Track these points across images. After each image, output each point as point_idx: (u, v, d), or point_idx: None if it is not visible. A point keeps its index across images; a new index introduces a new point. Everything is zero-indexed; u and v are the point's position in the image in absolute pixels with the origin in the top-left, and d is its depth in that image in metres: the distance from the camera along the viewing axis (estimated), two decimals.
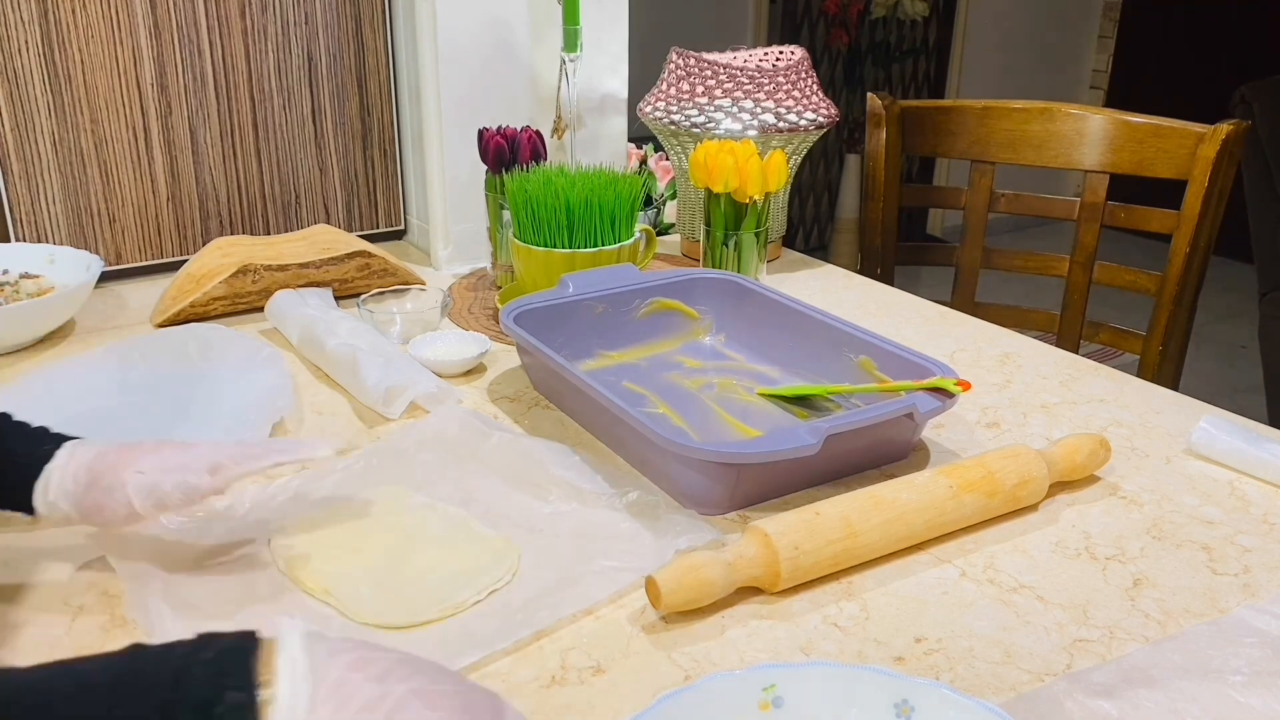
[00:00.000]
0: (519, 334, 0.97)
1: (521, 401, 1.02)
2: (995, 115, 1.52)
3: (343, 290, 1.23)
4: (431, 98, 1.33)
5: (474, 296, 1.27)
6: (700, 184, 1.20)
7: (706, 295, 1.12)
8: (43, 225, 1.26)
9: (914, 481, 0.80)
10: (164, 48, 1.27)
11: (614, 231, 1.12)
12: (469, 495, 0.84)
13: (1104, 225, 1.45)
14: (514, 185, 1.12)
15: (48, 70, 1.22)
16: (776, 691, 0.58)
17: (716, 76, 1.34)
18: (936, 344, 1.16)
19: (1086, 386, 1.06)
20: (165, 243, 1.34)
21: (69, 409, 0.97)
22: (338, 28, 1.37)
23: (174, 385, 1.02)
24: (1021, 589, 0.74)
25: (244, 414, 0.93)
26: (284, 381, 0.98)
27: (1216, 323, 3.57)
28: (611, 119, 1.47)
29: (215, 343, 1.05)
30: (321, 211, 1.43)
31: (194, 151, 1.32)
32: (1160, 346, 1.40)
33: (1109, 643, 0.69)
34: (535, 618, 0.69)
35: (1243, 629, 0.70)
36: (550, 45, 1.37)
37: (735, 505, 0.83)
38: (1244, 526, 0.82)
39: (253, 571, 0.74)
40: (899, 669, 0.66)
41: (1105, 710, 0.62)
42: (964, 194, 1.55)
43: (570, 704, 0.63)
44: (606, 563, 0.75)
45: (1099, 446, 0.88)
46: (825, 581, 0.75)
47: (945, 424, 0.97)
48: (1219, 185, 1.35)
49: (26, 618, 0.70)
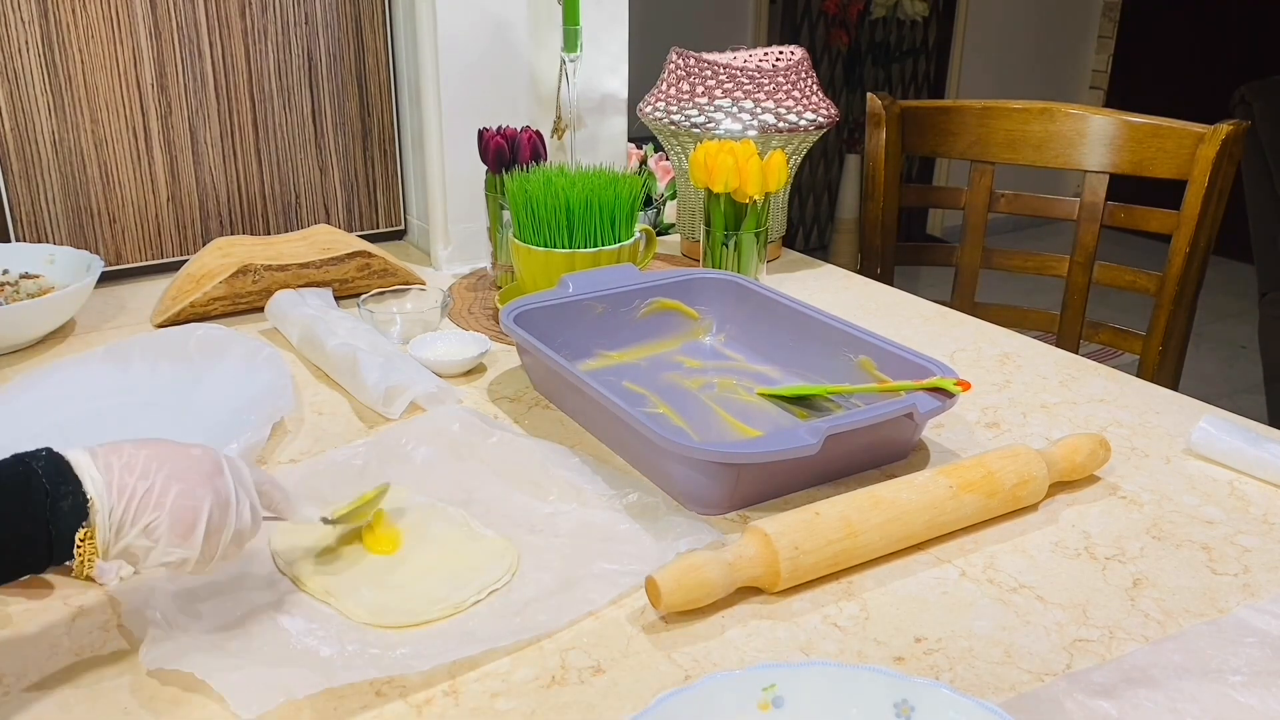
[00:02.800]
0: (519, 334, 0.97)
1: (521, 401, 1.02)
2: (995, 115, 1.52)
3: (343, 290, 1.23)
4: (431, 98, 1.33)
5: (474, 296, 1.27)
6: (700, 184, 1.20)
7: (706, 295, 1.12)
8: (43, 225, 1.26)
9: (914, 481, 0.80)
10: (164, 48, 1.27)
11: (614, 231, 1.12)
12: (469, 495, 0.84)
13: (1104, 225, 1.44)
14: (514, 185, 1.12)
15: (48, 70, 1.22)
16: (776, 691, 0.58)
17: (716, 76, 1.34)
18: (936, 344, 1.16)
19: (1086, 386, 1.06)
20: (165, 243, 1.34)
21: (69, 409, 0.97)
22: (338, 28, 1.37)
23: (174, 385, 1.02)
24: (1021, 589, 0.74)
25: (244, 414, 0.93)
26: (284, 381, 0.98)
27: (1216, 323, 3.57)
28: (611, 119, 1.47)
29: (215, 343, 1.05)
30: (321, 211, 1.43)
31: (194, 151, 1.32)
32: (1160, 346, 1.40)
33: (1109, 643, 0.69)
34: (535, 621, 0.69)
35: (1242, 629, 0.70)
36: (550, 45, 1.37)
37: (735, 505, 0.83)
38: (1244, 526, 0.82)
39: (252, 572, 0.74)
40: (899, 669, 0.66)
41: (1105, 710, 0.62)
42: (964, 194, 1.55)
43: (570, 704, 0.63)
44: (606, 565, 0.75)
45: (1099, 446, 0.88)
46: (825, 581, 0.75)
47: (945, 424, 0.97)
48: (1219, 185, 1.35)
49: (26, 618, 0.70)
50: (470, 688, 0.65)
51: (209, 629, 0.68)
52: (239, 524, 0.65)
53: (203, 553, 0.64)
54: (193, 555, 0.63)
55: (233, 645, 0.66)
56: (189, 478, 0.63)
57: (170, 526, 0.62)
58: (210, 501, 0.64)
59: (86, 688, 0.64)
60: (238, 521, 0.65)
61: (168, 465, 0.63)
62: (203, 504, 0.63)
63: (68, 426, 0.95)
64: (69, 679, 0.65)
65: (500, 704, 0.63)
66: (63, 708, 0.63)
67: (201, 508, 0.63)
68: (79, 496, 0.59)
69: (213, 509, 0.64)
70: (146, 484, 0.62)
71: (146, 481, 0.62)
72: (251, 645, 0.66)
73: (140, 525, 0.61)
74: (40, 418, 0.95)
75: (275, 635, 0.68)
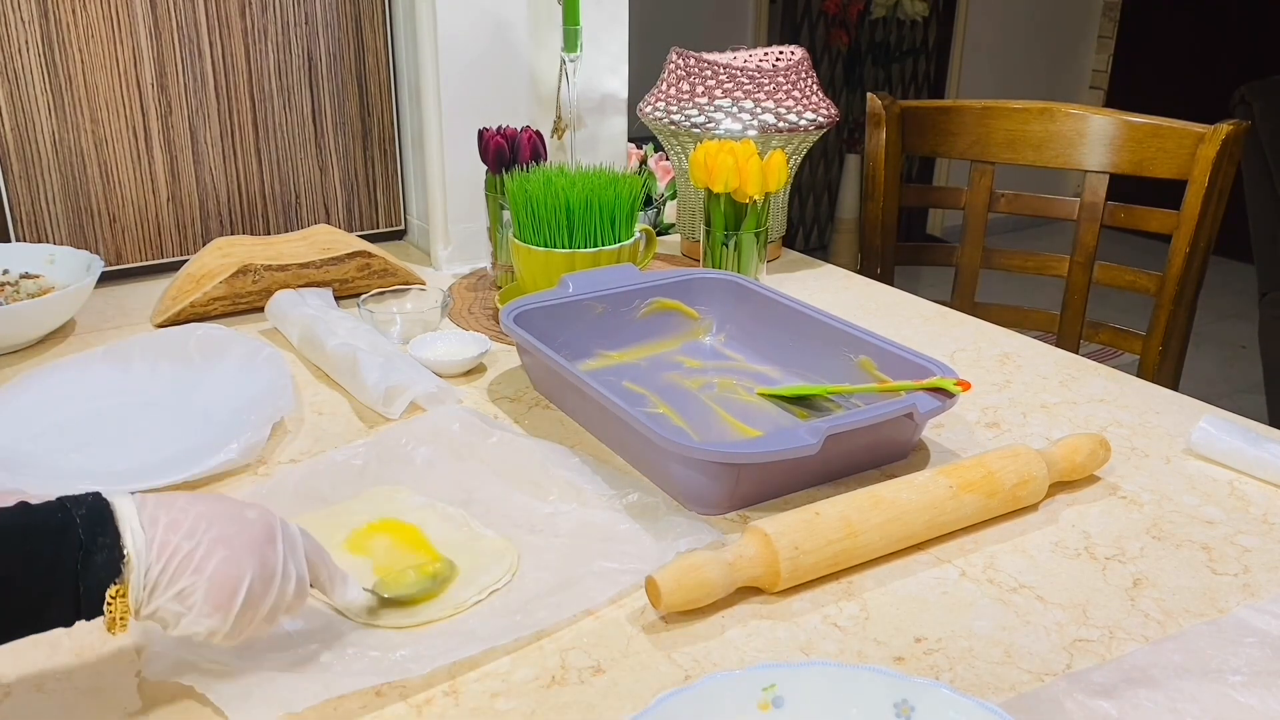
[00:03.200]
0: (519, 334, 0.97)
1: (521, 401, 1.02)
2: (995, 115, 1.52)
3: (343, 290, 1.23)
4: (431, 98, 1.34)
5: (474, 296, 1.27)
6: (700, 184, 1.20)
7: (706, 295, 1.12)
8: (43, 225, 1.26)
9: (914, 481, 0.80)
10: (164, 48, 1.27)
11: (614, 231, 1.12)
12: (469, 495, 0.84)
13: (1104, 225, 1.44)
14: (514, 185, 1.12)
15: (48, 70, 1.22)
16: (776, 691, 0.58)
17: (716, 76, 1.34)
18: (936, 344, 1.16)
19: (1086, 386, 1.06)
20: (165, 243, 1.34)
21: (69, 409, 0.97)
22: (338, 28, 1.37)
23: (174, 385, 1.02)
24: (1021, 589, 0.74)
25: (244, 414, 0.93)
26: (284, 381, 0.98)
27: (1216, 323, 3.57)
28: (611, 119, 1.47)
29: (215, 343, 1.05)
30: (321, 211, 1.43)
31: (194, 151, 1.32)
32: (1160, 346, 1.40)
33: (1109, 643, 0.69)
34: (535, 617, 0.69)
35: (1242, 629, 0.70)
36: (550, 45, 1.37)
37: (735, 505, 0.83)
38: (1244, 526, 0.82)
39: None
40: (899, 669, 0.66)
41: (1105, 710, 0.62)
42: (964, 194, 1.55)
43: (570, 704, 0.63)
44: (606, 563, 0.75)
45: (1099, 446, 0.88)
46: (825, 581, 0.75)
47: (945, 424, 0.97)
48: (1219, 185, 1.35)
49: None
50: (470, 688, 0.65)
51: None
52: (279, 600, 0.61)
53: (234, 625, 0.60)
54: (224, 628, 0.60)
55: (233, 648, 0.66)
56: (236, 544, 0.60)
57: (206, 595, 0.58)
58: (253, 574, 0.60)
59: (86, 688, 0.64)
60: (278, 597, 0.61)
61: (216, 527, 0.60)
62: (244, 574, 0.59)
63: (68, 426, 0.95)
64: (69, 679, 0.65)
65: (500, 704, 0.63)
66: (63, 708, 0.63)
67: (243, 578, 0.59)
68: (115, 551, 0.56)
69: (254, 581, 0.60)
70: (190, 544, 0.58)
71: (190, 542, 0.58)
72: (251, 649, 0.66)
73: (176, 589, 0.58)
74: (41, 417, 0.95)
75: (275, 637, 0.67)
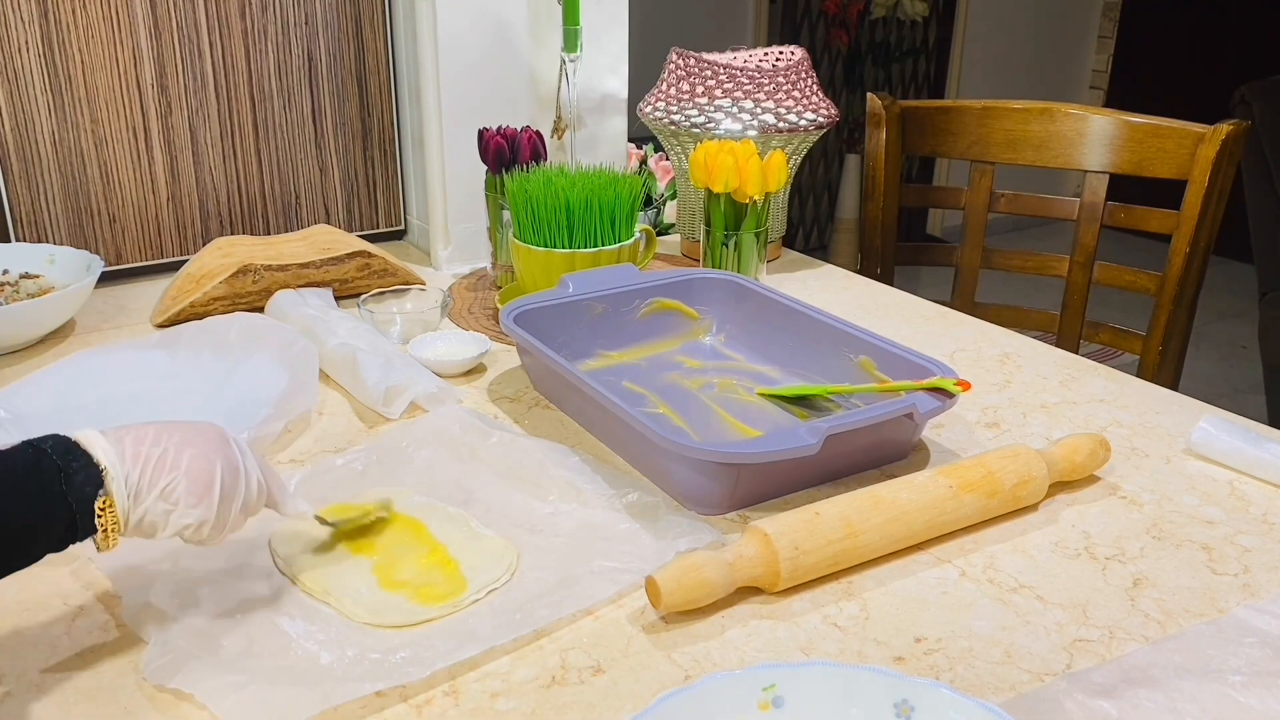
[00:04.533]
0: (519, 334, 0.97)
1: (521, 401, 1.02)
2: (995, 115, 1.52)
3: (343, 290, 1.23)
4: (431, 98, 1.33)
5: (474, 296, 1.27)
6: (700, 184, 1.20)
7: (706, 295, 1.12)
8: (43, 225, 1.26)
9: (914, 481, 0.80)
10: (164, 48, 1.27)
11: (614, 231, 1.12)
12: (469, 495, 0.84)
13: (1104, 225, 1.44)
14: (514, 185, 1.12)
15: (48, 70, 1.22)
16: (776, 691, 0.58)
17: (716, 77, 1.34)
18: (936, 344, 1.16)
19: (1086, 386, 1.06)
20: (165, 243, 1.34)
21: (113, 387, 1.01)
22: (338, 28, 1.37)
23: (210, 373, 1.04)
24: (1021, 589, 0.74)
25: (264, 407, 0.95)
26: (309, 378, 0.98)
27: (1216, 323, 3.57)
28: (611, 119, 1.47)
29: (255, 333, 1.08)
30: (321, 211, 1.43)
31: (194, 151, 1.32)
32: (1160, 346, 1.40)
33: (1109, 642, 0.69)
34: (535, 616, 0.69)
35: (1242, 629, 0.70)
36: (550, 45, 1.37)
37: (735, 505, 0.83)
38: (1244, 526, 0.82)
39: (252, 571, 0.74)
40: (899, 669, 0.66)
41: (1105, 710, 0.62)
42: (964, 194, 1.55)
43: (570, 704, 0.63)
44: (606, 563, 0.75)
45: (1099, 446, 0.88)
46: (825, 581, 0.75)
47: (945, 424, 0.97)
48: (1219, 185, 1.35)
49: (26, 618, 0.70)
50: (470, 688, 0.65)
51: (209, 630, 0.68)
52: (247, 493, 0.67)
53: (218, 516, 0.65)
54: (210, 517, 0.65)
55: (233, 650, 0.66)
56: (199, 443, 0.65)
57: (188, 487, 0.64)
58: (222, 465, 0.65)
59: (86, 688, 0.64)
60: (246, 491, 0.67)
61: (178, 434, 0.65)
62: (215, 467, 0.65)
63: (109, 402, 0.99)
64: (69, 679, 0.65)
65: (500, 704, 0.63)
66: (63, 708, 0.63)
67: (214, 469, 0.65)
68: (91, 467, 0.61)
69: (224, 472, 0.65)
70: (159, 449, 0.64)
71: (159, 448, 0.64)
72: (251, 650, 0.66)
73: (158, 488, 0.63)
74: (87, 391, 1.00)
75: (275, 639, 0.68)
